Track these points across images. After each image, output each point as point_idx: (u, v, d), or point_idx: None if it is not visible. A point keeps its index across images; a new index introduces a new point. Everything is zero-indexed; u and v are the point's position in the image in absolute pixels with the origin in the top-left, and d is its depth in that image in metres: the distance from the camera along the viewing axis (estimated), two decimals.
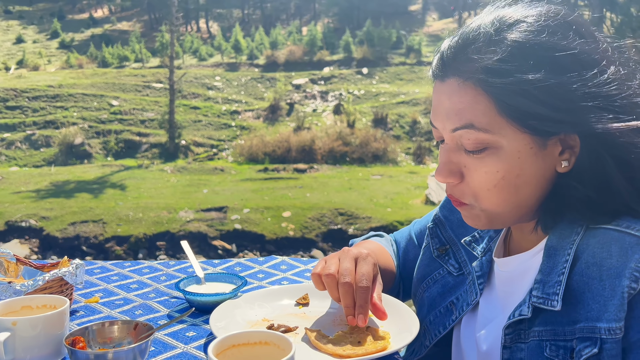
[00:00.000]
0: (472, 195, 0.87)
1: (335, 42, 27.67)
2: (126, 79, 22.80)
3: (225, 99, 21.78)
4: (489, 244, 1.03)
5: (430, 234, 1.15)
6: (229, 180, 14.75)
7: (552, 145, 0.82)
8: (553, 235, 0.86)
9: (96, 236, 11.20)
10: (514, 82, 0.79)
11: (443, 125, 0.87)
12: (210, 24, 38.98)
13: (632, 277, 0.74)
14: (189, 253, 1.25)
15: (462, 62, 0.84)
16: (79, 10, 43.53)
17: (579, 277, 0.81)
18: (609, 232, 0.80)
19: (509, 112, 0.80)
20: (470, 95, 0.82)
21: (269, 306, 1.10)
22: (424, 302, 1.12)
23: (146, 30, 36.40)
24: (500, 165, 0.82)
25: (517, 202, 0.85)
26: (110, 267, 1.41)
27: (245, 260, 1.45)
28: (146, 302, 1.17)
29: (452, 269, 1.08)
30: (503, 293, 0.96)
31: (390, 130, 18.87)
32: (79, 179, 14.95)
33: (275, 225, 11.09)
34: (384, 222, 10.72)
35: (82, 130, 18.37)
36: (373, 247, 1.19)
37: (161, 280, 1.32)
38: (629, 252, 0.76)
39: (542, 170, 0.83)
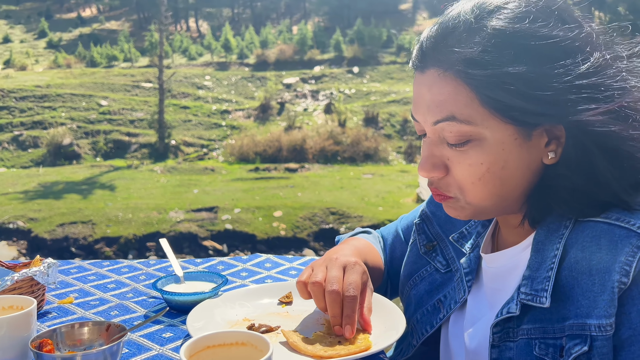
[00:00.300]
0: (457, 188, 0.84)
1: (325, 41, 27.66)
2: (115, 79, 22.64)
3: (216, 99, 21.69)
4: (476, 239, 1.00)
5: (417, 230, 1.12)
6: (220, 180, 14.67)
7: (538, 136, 0.79)
8: (541, 230, 0.83)
9: (85, 237, 11.10)
10: (494, 74, 0.76)
11: (424, 118, 0.84)
12: (199, 23, 38.83)
13: (622, 271, 0.71)
14: (168, 251, 1.20)
15: (442, 52, 0.80)
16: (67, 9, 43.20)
17: (568, 272, 0.78)
18: (598, 225, 0.77)
19: (490, 103, 0.77)
20: (450, 86, 0.79)
21: (250, 305, 1.05)
22: (411, 300, 1.09)
23: (135, 30, 36.18)
24: (485, 158, 0.80)
25: (502, 195, 0.82)
26: (88, 266, 1.36)
27: (228, 258, 1.41)
28: (123, 303, 1.12)
29: (439, 266, 1.05)
30: (491, 290, 0.93)
31: (381, 129, 18.88)
32: (68, 179, 14.82)
33: (267, 225, 11.04)
34: (376, 221, 10.71)
35: (70, 130, 18.21)
36: (361, 245, 1.15)
37: (140, 279, 1.27)
38: (619, 245, 0.73)
39: (527, 162, 0.80)
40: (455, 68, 0.79)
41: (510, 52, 0.76)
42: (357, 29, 27.30)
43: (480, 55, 0.77)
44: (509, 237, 0.93)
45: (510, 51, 0.76)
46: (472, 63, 0.77)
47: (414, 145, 17.59)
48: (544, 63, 0.76)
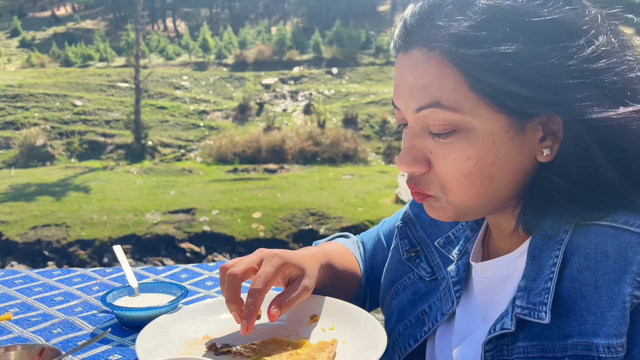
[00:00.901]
0: (439, 185, 0.74)
1: (304, 42, 27.58)
2: (90, 79, 22.22)
3: (193, 99, 21.44)
4: (465, 245, 0.90)
5: (400, 234, 1.01)
6: (197, 182, 14.48)
7: (532, 130, 0.69)
8: (538, 235, 0.73)
9: (59, 240, 10.84)
10: (486, 54, 0.66)
11: (406, 104, 0.73)
12: (177, 23, 38.44)
13: (634, 283, 0.61)
14: (122, 259, 1.08)
15: (428, 29, 0.70)
16: (41, 8, 42.36)
17: (570, 283, 0.67)
18: (604, 229, 0.67)
19: (480, 87, 0.67)
20: (436, 68, 0.69)
21: (212, 320, 0.93)
22: (392, 310, 0.98)
23: (111, 29, 35.63)
24: (472, 151, 0.69)
25: (490, 195, 0.72)
26: (36, 276, 1.23)
27: (193, 265, 1.28)
28: (68, 319, 0.99)
29: (423, 274, 0.95)
30: (482, 302, 0.83)
31: (360, 130, 18.86)
32: (41, 181, 14.48)
33: (245, 226, 10.91)
34: (355, 222, 10.66)
35: (44, 131, 17.81)
36: (330, 248, 1.04)
37: (92, 290, 1.14)
38: (629, 253, 0.63)
39: (519, 158, 0.70)
40: (441, 47, 0.68)
41: (504, 29, 0.66)
42: (336, 30, 27.28)
43: (470, 31, 0.67)
44: (502, 244, 0.83)
45: (505, 28, 0.66)
46: (460, 40, 0.67)
47: (393, 146, 17.60)
48: (542, 43, 0.66)
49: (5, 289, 1.14)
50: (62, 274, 1.25)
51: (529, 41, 0.66)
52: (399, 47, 0.75)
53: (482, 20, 0.67)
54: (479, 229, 0.90)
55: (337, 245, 1.08)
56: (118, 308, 0.92)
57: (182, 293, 0.99)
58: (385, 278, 1.03)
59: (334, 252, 1.03)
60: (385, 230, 1.14)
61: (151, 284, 1.04)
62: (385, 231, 1.14)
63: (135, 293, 1.01)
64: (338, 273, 1.00)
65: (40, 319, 1.00)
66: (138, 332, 0.90)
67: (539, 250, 0.72)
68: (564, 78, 0.65)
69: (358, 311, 0.93)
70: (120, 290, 1.01)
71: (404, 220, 1.02)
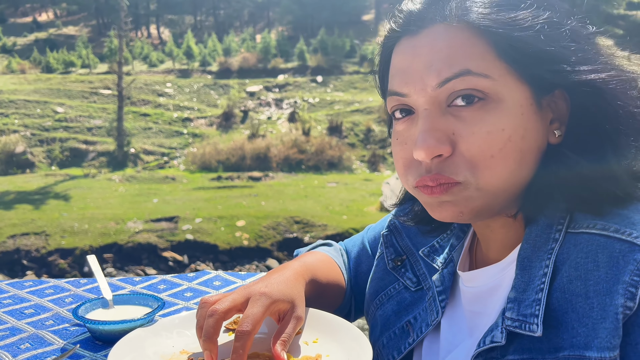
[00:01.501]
0: (468, 167, 0.67)
1: (289, 50, 27.65)
2: (72, 85, 21.98)
3: (177, 106, 21.31)
4: (450, 254, 0.87)
5: (385, 242, 0.99)
6: (181, 189, 14.35)
7: (546, 109, 0.69)
8: (527, 244, 0.70)
9: (38, 249, 10.65)
10: (514, 20, 0.66)
11: (422, 84, 0.69)
12: (161, 30, 38.29)
13: (626, 293, 0.59)
14: (96, 270, 1.03)
15: (445, 6, 0.69)
16: (22, 13, 41.89)
17: (560, 294, 0.65)
18: (594, 238, 0.64)
19: (510, 54, 0.66)
20: (461, 39, 0.67)
21: (190, 334, 0.89)
22: (376, 321, 0.95)
23: (94, 36, 35.36)
24: (506, 122, 0.66)
25: (518, 175, 0.69)
26: (6, 287, 1.18)
27: (172, 276, 1.24)
28: (38, 333, 0.94)
29: (409, 283, 0.92)
30: (470, 313, 0.80)
31: (345, 138, 18.90)
32: (20, 189, 14.23)
33: (229, 234, 10.82)
34: (340, 230, 10.64)
35: (23, 138, 17.54)
36: (312, 260, 1.00)
37: (65, 302, 1.09)
38: (621, 262, 0.61)
39: (541, 136, 0.69)
40: (466, 17, 0.68)
41: (526, 0, 0.68)
42: (320, 39, 27.40)
43: (495, 0, 0.68)
44: (490, 253, 0.80)
45: (527, 1, 0.68)
46: (487, 9, 0.67)
47: (377, 154, 17.67)
48: (560, 16, 0.69)
49: None
50: (33, 285, 1.19)
51: (549, 10, 0.68)
52: (407, 31, 0.72)
53: None
54: (464, 237, 0.88)
55: (320, 256, 1.05)
56: (90, 321, 0.88)
57: (158, 305, 0.94)
58: (370, 287, 1.00)
59: (317, 265, 0.99)
60: (370, 237, 1.11)
61: (126, 296, 0.99)
62: (370, 238, 1.11)
63: (110, 305, 0.96)
64: (322, 286, 0.96)
65: (8, 333, 0.95)
66: (111, 346, 0.85)
67: (528, 260, 0.70)
68: (582, 44, 0.68)
69: (342, 323, 0.89)
70: (93, 303, 0.96)
71: (389, 228, 1.00)
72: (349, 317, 1.09)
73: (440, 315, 0.84)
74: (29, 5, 42.64)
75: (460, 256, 0.87)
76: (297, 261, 0.96)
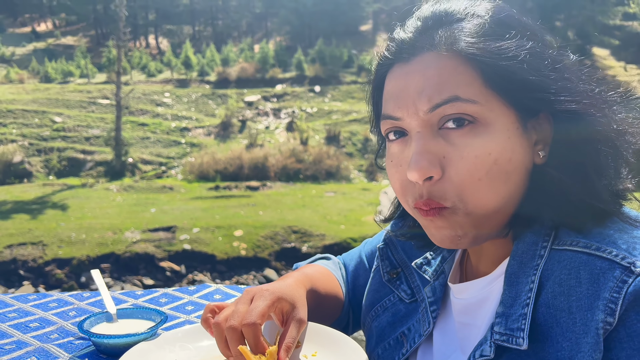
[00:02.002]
0: (456, 192, 0.71)
1: (287, 60, 27.77)
2: (70, 95, 22.01)
3: (175, 116, 21.34)
4: (441, 265, 0.91)
5: (381, 255, 1.02)
6: (178, 199, 14.34)
7: (531, 131, 0.73)
8: (513, 261, 0.74)
9: (35, 259, 10.60)
10: (499, 49, 0.70)
11: (414, 108, 0.72)
12: (159, 40, 38.42)
13: (607, 309, 0.62)
14: (100, 284, 1.06)
15: (435, 35, 0.73)
16: (21, 23, 42.01)
17: (545, 309, 0.68)
18: (576, 256, 0.68)
19: (494, 81, 0.70)
20: (450, 66, 0.71)
21: (192, 347, 0.92)
22: (372, 332, 0.98)
23: (92, 46, 35.46)
24: (492, 146, 0.70)
25: (506, 196, 0.72)
26: (10, 301, 1.20)
27: (173, 290, 1.26)
28: (44, 346, 0.96)
29: (403, 295, 0.95)
30: (460, 324, 0.83)
31: (343, 147, 18.94)
32: (17, 199, 14.20)
33: (227, 244, 10.81)
34: (338, 239, 10.63)
35: (21, 147, 17.53)
36: (311, 272, 1.03)
37: (69, 316, 1.11)
38: (601, 279, 0.64)
39: (527, 157, 0.73)
40: (455, 46, 0.71)
41: (511, 31, 0.72)
42: (318, 49, 27.53)
43: (482, 31, 0.72)
44: (479, 266, 0.83)
45: (511, 30, 0.72)
46: (473, 39, 0.71)
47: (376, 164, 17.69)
48: (542, 44, 0.73)
49: None
50: (37, 299, 1.22)
51: (532, 40, 0.72)
52: (399, 58, 0.76)
53: (490, 21, 0.73)
54: (455, 250, 0.91)
55: (319, 268, 1.08)
56: (95, 335, 0.90)
57: (161, 319, 0.97)
58: (367, 299, 1.03)
59: (316, 276, 1.02)
60: (367, 251, 1.14)
61: (130, 310, 1.02)
62: (367, 252, 1.14)
63: (114, 319, 0.99)
64: (321, 297, 0.99)
65: (14, 346, 0.97)
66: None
67: (515, 276, 0.73)
68: (557, 79, 0.71)
69: (340, 337, 0.92)
70: (98, 317, 0.98)
71: (385, 241, 1.03)
72: (347, 330, 1.12)
73: (432, 326, 0.86)
74: (28, 15, 42.78)
75: (451, 268, 0.90)
76: (297, 272, 0.99)
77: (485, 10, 0.75)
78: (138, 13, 36.22)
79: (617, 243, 0.66)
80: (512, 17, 0.75)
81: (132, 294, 1.25)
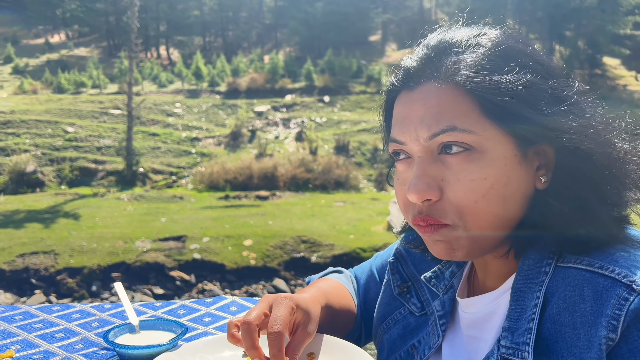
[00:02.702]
0: (455, 212, 0.75)
1: (296, 70, 27.93)
2: (82, 105, 22.27)
3: (186, 126, 21.51)
4: (451, 280, 0.94)
5: (391, 269, 1.05)
6: (188, 209, 14.42)
7: (532, 158, 0.76)
8: (519, 276, 0.77)
9: (47, 268, 10.68)
10: (497, 81, 0.73)
11: (416, 135, 0.77)
12: (170, 51, 38.80)
13: (609, 325, 0.65)
14: (123, 297, 1.10)
15: (439, 65, 0.77)
16: (35, 35, 42.63)
17: (550, 324, 0.71)
18: (580, 273, 0.71)
19: (492, 112, 0.73)
20: (450, 97, 0.75)
21: (212, 358, 0.96)
22: (383, 345, 1.01)
23: (104, 57, 35.90)
24: (488, 171, 0.73)
25: (505, 218, 0.76)
26: (35, 312, 1.25)
27: (190, 301, 1.31)
28: (70, 356, 1.01)
29: (414, 309, 0.98)
30: (467, 337, 0.87)
31: (352, 157, 18.99)
32: (30, 208, 14.35)
33: (236, 254, 10.84)
34: (347, 249, 10.62)
35: (34, 157, 17.73)
36: (326, 286, 1.07)
37: (92, 327, 1.16)
38: (604, 297, 0.67)
39: (526, 182, 0.76)
40: (454, 78, 0.75)
41: (510, 62, 0.75)
42: (327, 59, 27.69)
43: (481, 62, 0.75)
44: (486, 281, 0.87)
45: (511, 62, 0.75)
46: (473, 70, 0.75)
47: (385, 173, 17.69)
48: (541, 76, 0.75)
49: (6, 326, 1.16)
50: (61, 310, 1.26)
51: (531, 72, 0.75)
52: (405, 86, 0.80)
53: (491, 53, 0.76)
54: (464, 265, 0.94)
55: (333, 283, 1.11)
56: (120, 346, 0.95)
57: (182, 331, 1.01)
58: (378, 312, 1.06)
59: (331, 291, 1.05)
60: (378, 265, 1.17)
61: (151, 322, 1.06)
62: (377, 266, 1.17)
63: (136, 330, 1.03)
64: (335, 312, 1.02)
65: (42, 356, 1.01)
66: None
67: (521, 292, 0.76)
68: (562, 104, 0.74)
69: (354, 349, 0.95)
70: (121, 328, 1.03)
71: (395, 256, 1.06)
72: (359, 341, 1.15)
73: (441, 339, 0.90)
74: (41, 27, 43.42)
75: (460, 283, 0.93)
76: (312, 287, 1.02)
77: (488, 40, 0.78)
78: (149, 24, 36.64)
79: (619, 262, 0.70)
80: (514, 49, 0.77)
81: (151, 305, 1.29)
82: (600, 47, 29.15)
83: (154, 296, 9.97)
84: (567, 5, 28.50)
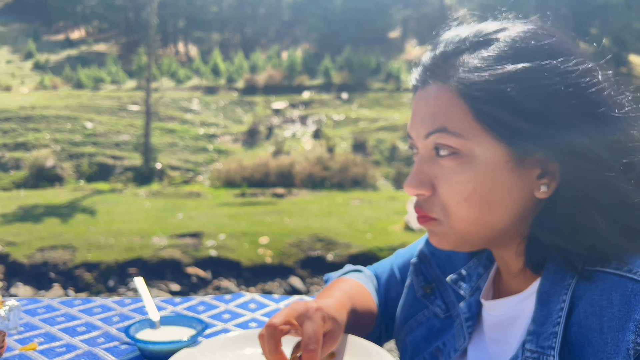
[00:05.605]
0: (441, 208, 0.79)
1: (314, 67, 27.89)
2: (101, 101, 22.52)
3: (203, 122, 21.64)
4: (477, 282, 0.93)
5: (414, 271, 1.04)
6: (205, 205, 14.50)
7: (531, 165, 0.74)
8: (545, 279, 0.76)
9: (65, 262, 10.83)
10: (490, 87, 0.72)
11: (417, 132, 0.80)
12: (189, 47, 39.04)
13: (637, 330, 0.64)
14: (144, 292, 1.10)
15: (443, 67, 0.78)
16: (55, 31, 43.20)
17: (577, 328, 0.70)
18: (608, 277, 0.70)
19: (483, 118, 0.73)
20: (446, 99, 0.76)
21: (232, 355, 0.95)
22: (406, 346, 1.00)
23: (123, 52, 36.24)
24: (472, 176, 0.74)
25: (489, 222, 0.76)
26: (58, 305, 1.26)
27: (210, 298, 1.31)
28: (92, 350, 1.01)
29: (438, 311, 0.98)
30: (490, 340, 0.86)
31: (369, 155, 18.91)
32: (49, 202, 14.55)
33: (252, 251, 10.87)
34: (364, 249, 10.59)
35: (54, 152, 17.98)
36: (349, 288, 1.06)
37: (113, 321, 1.17)
38: (632, 301, 0.66)
39: (519, 190, 0.74)
40: (452, 81, 0.76)
41: (525, 63, 0.72)
42: (346, 56, 27.59)
43: (482, 64, 0.74)
44: (511, 284, 0.85)
45: (526, 63, 0.72)
46: (468, 75, 0.74)
47: (402, 172, 17.62)
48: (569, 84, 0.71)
49: (29, 318, 1.17)
50: (82, 304, 1.27)
51: (548, 78, 0.71)
52: (418, 84, 0.82)
53: (498, 53, 0.74)
54: (490, 266, 0.93)
55: (355, 284, 1.10)
56: (141, 341, 0.95)
57: (202, 327, 1.01)
58: (400, 314, 1.05)
59: (355, 295, 1.05)
60: (399, 263, 1.16)
61: (171, 317, 1.06)
62: (399, 265, 1.16)
63: (157, 326, 1.03)
64: (359, 315, 1.02)
65: (64, 349, 1.02)
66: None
67: (547, 295, 0.75)
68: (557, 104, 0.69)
69: (375, 349, 0.94)
70: (142, 323, 1.03)
71: (419, 257, 1.05)
72: (380, 341, 1.14)
73: (467, 342, 0.88)
74: (62, 23, 44.01)
75: (485, 284, 0.92)
76: (336, 289, 1.02)
77: (505, 37, 0.75)
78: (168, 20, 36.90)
79: None
80: (533, 48, 0.73)
81: (170, 301, 1.30)
82: (626, 45, 28.57)
83: (170, 292, 10.05)
84: (592, 2, 27.99)
